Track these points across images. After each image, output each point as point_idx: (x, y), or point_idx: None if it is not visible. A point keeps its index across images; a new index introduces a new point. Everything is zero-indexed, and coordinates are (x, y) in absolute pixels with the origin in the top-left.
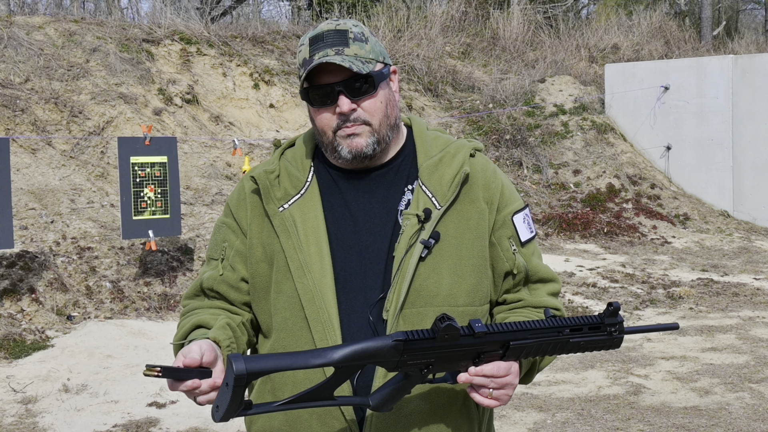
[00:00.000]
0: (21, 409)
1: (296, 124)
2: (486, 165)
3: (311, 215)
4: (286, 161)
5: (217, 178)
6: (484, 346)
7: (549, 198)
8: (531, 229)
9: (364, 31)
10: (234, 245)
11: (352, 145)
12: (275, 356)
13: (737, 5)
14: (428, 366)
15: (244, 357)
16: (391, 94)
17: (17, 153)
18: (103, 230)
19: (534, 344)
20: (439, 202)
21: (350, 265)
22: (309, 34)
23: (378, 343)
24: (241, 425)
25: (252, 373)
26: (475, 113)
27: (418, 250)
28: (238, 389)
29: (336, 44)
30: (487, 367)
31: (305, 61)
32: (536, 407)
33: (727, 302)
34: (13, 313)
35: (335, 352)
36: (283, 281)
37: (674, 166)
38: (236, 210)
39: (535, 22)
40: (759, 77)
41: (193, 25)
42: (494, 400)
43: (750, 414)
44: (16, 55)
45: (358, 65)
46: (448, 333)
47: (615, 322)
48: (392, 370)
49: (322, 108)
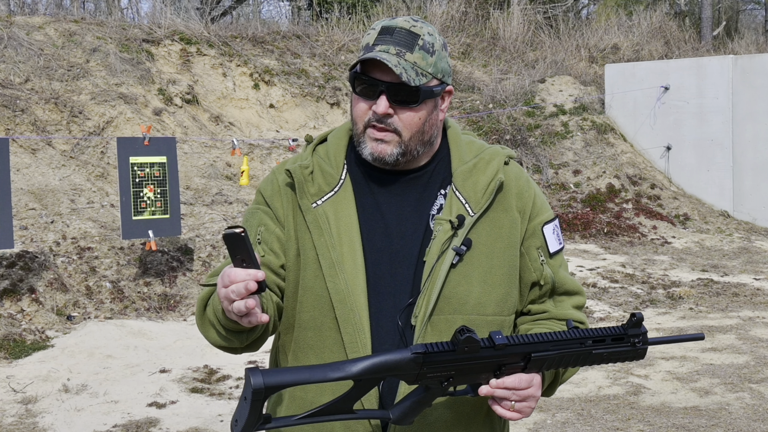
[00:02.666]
0: (21, 409)
1: (296, 124)
2: (520, 173)
3: (345, 214)
4: (318, 157)
5: (216, 179)
6: (505, 358)
7: (549, 198)
8: (560, 240)
9: (435, 42)
10: (274, 231)
11: (376, 149)
12: (293, 370)
13: (737, 5)
14: (449, 378)
15: (262, 371)
16: (435, 113)
17: (17, 153)
18: (103, 230)
19: (556, 356)
20: (472, 209)
21: (380, 267)
22: (383, 22)
23: (397, 356)
24: None
25: (270, 387)
26: (475, 113)
27: (450, 257)
28: (256, 403)
29: (401, 44)
30: (509, 379)
31: (367, 46)
32: (536, 407)
33: (727, 302)
34: (13, 313)
35: (354, 365)
36: (311, 278)
37: (674, 166)
38: (271, 200)
39: (535, 23)
40: (759, 77)
41: (193, 25)
42: (516, 413)
43: (750, 414)
44: (16, 55)
45: (410, 75)
46: (468, 345)
47: (638, 333)
48: (412, 383)
49: (362, 98)
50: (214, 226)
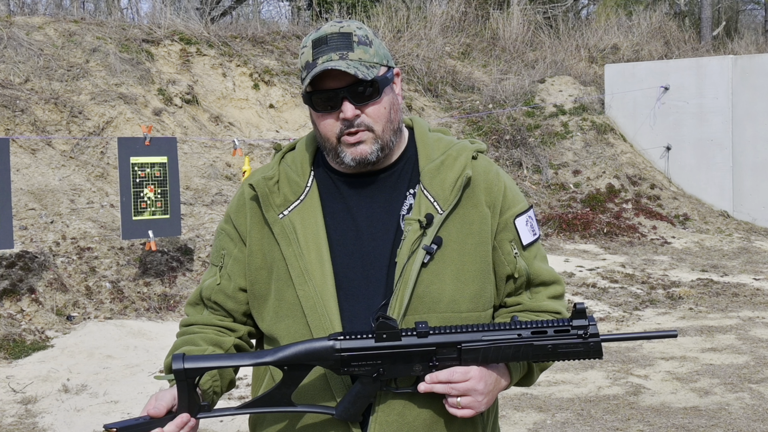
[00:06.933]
0: (21, 410)
1: (296, 124)
2: (488, 167)
3: (311, 221)
4: (286, 166)
5: (216, 179)
6: (435, 349)
7: (549, 198)
8: (534, 231)
9: (368, 33)
10: (232, 253)
11: (356, 152)
12: (216, 356)
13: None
14: (378, 370)
15: (184, 356)
16: (394, 98)
17: (17, 153)
18: (103, 230)
19: (490, 347)
20: (441, 207)
21: (352, 271)
22: (312, 36)
23: (317, 344)
24: (242, 425)
25: (190, 369)
26: (474, 113)
27: (420, 256)
28: (181, 384)
29: (340, 48)
30: (442, 373)
31: (308, 64)
32: (536, 407)
33: (727, 302)
34: (13, 313)
35: (276, 352)
36: (284, 289)
37: (674, 166)
38: (235, 217)
39: (534, 23)
40: (759, 77)
41: (192, 25)
42: (467, 409)
43: (750, 414)
44: (16, 56)
45: (363, 71)
46: (384, 331)
47: (583, 325)
48: (340, 372)
49: (325, 113)
50: (214, 226)
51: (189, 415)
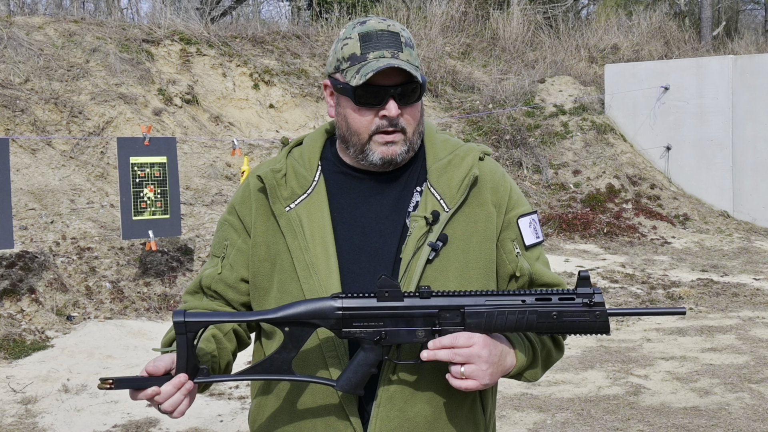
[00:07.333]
0: (21, 410)
1: (296, 124)
2: (495, 168)
3: (318, 215)
4: (293, 160)
5: (216, 179)
6: (438, 312)
7: (549, 198)
8: (537, 234)
9: (410, 36)
10: (235, 244)
11: (387, 152)
12: (217, 313)
13: (737, 5)
14: (380, 333)
15: (185, 311)
16: (422, 103)
17: (17, 153)
18: (103, 230)
19: (494, 311)
20: (447, 205)
21: (358, 266)
22: (357, 29)
23: (319, 302)
24: (242, 425)
25: (190, 322)
26: (474, 113)
27: (425, 253)
28: (180, 336)
29: (391, 47)
30: (446, 338)
31: (355, 56)
32: (536, 407)
33: (727, 302)
34: (13, 313)
35: (277, 311)
36: (288, 281)
37: (674, 166)
38: (240, 208)
39: (534, 23)
40: (759, 77)
41: (192, 25)
42: (470, 380)
43: (750, 414)
44: (16, 56)
45: (417, 72)
46: (386, 288)
47: (588, 293)
48: (341, 335)
49: (364, 108)
50: (214, 226)
51: (187, 376)
